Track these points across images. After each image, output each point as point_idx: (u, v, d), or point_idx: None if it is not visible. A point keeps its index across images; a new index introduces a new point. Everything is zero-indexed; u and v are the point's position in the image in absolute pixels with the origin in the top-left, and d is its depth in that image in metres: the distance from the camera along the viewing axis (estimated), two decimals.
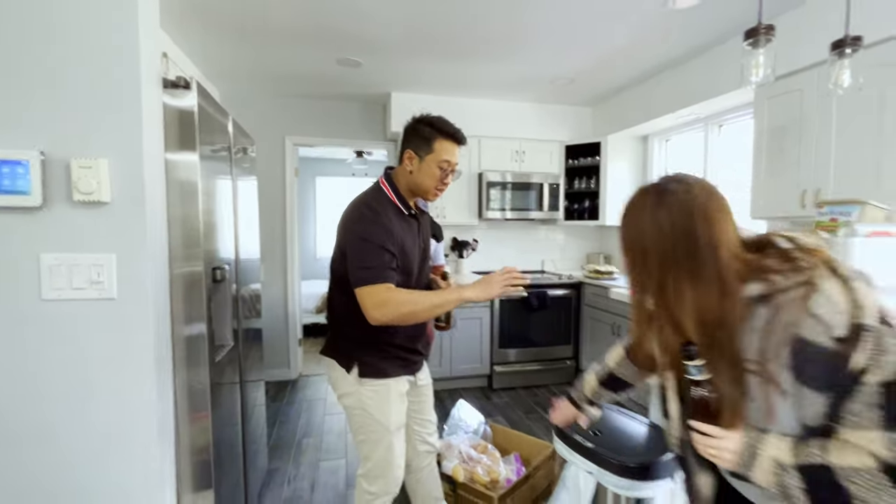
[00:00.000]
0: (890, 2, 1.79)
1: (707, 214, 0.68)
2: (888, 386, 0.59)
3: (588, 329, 3.61)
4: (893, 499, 0.60)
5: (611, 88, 3.49)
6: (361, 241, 1.26)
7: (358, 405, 1.38)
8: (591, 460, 1.37)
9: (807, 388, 0.64)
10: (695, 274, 0.68)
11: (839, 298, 0.61)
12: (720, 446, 0.72)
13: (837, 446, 0.63)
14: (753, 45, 1.50)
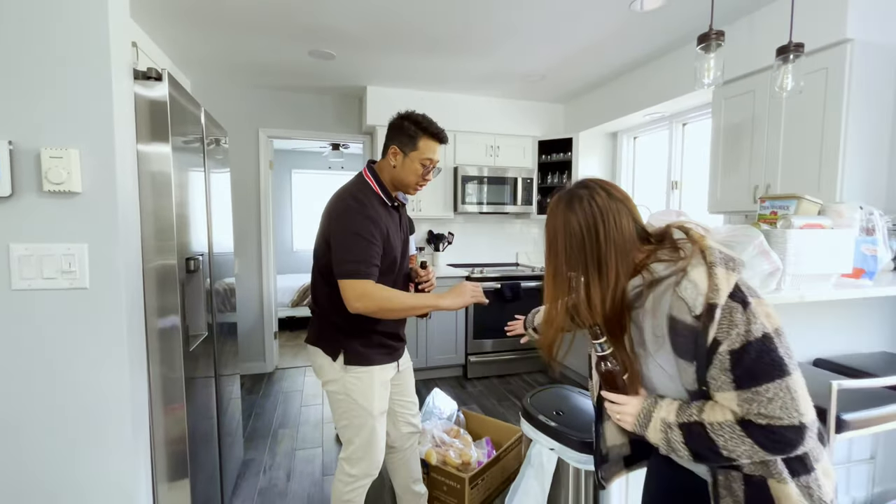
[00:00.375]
0: (828, 13, 1.92)
1: (607, 216, 0.79)
2: (734, 353, 0.70)
3: None
4: (751, 448, 0.71)
5: (581, 86, 3.59)
6: (348, 232, 1.29)
7: (342, 391, 1.41)
8: (554, 438, 1.46)
9: (682, 359, 0.75)
10: (598, 268, 0.78)
11: (701, 283, 0.71)
12: (623, 411, 0.84)
13: (710, 406, 0.75)
14: (705, 50, 1.60)
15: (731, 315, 0.70)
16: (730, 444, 0.72)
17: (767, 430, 0.70)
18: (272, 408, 3.06)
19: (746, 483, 0.77)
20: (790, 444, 0.70)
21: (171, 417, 1.42)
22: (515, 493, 1.56)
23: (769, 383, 0.69)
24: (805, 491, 0.75)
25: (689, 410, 0.77)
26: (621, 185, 3.86)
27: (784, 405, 0.69)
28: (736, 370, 0.70)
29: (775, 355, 0.70)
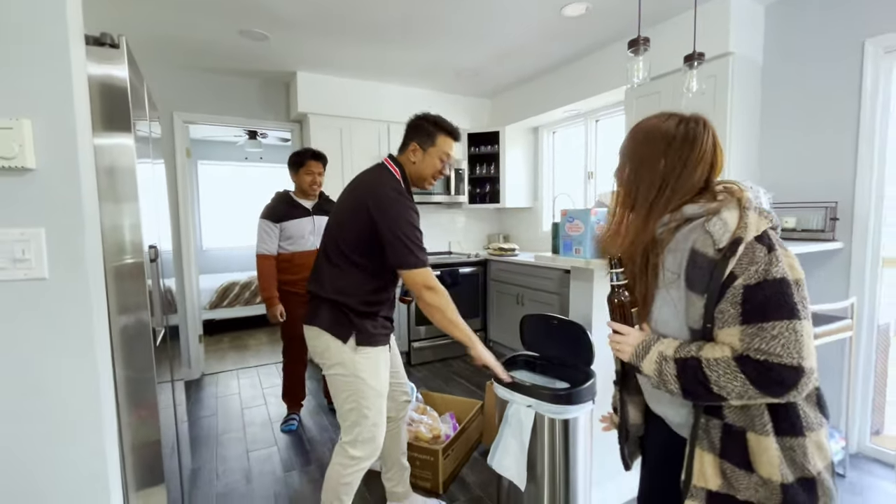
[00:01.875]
0: (716, 30, 2.34)
1: (705, 143, 0.85)
2: (748, 288, 0.73)
3: (495, 301, 3.98)
4: (742, 385, 0.73)
5: (509, 82, 3.84)
6: (404, 223, 1.38)
7: (352, 372, 1.44)
8: (530, 395, 1.62)
9: (692, 292, 0.79)
10: (667, 178, 0.85)
11: (731, 221, 0.76)
12: (624, 341, 0.89)
13: (710, 345, 0.78)
14: (635, 53, 1.86)
15: (754, 253, 0.73)
16: (722, 380, 0.74)
17: (764, 365, 0.71)
18: (209, 414, 2.84)
19: (725, 431, 0.79)
20: (784, 385, 0.70)
21: (142, 420, 1.30)
22: (495, 453, 1.70)
23: (777, 321, 0.71)
24: (788, 452, 0.75)
25: (688, 347, 0.80)
26: (543, 175, 4.21)
27: (786, 344, 0.70)
28: (746, 304, 0.73)
29: (789, 299, 0.71)
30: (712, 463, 0.80)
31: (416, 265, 1.40)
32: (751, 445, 0.77)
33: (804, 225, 2.29)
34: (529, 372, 1.88)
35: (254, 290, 4.91)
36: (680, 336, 0.84)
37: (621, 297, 0.91)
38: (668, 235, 0.86)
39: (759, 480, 0.76)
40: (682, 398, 0.82)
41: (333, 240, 1.47)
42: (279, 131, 4.04)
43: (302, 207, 2.55)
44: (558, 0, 2.38)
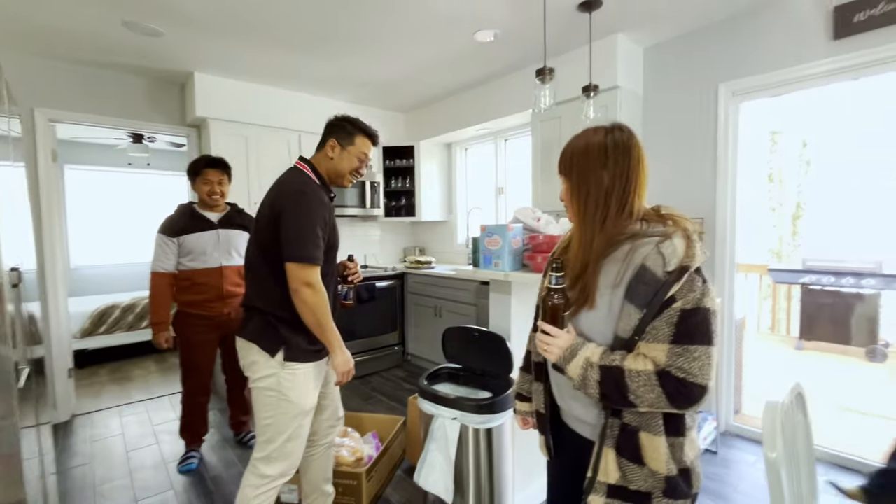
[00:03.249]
0: (606, 65, 2.64)
1: (642, 155, 0.92)
2: (684, 312, 0.81)
3: (412, 315, 3.98)
4: (657, 397, 0.81)
5: (422, 99, 3.92)
6: (304, 218, 1.36)
7: (275, 387, 1.41)
8: (455, 408, 1.65)
9: (632, 304, 0.84)
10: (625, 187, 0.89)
11: (681, 249, 0.82)
12: (553, 343, 0.91)
13: (632, 356, 0.84)
14: (542, 81, 2.03)
15: (693, 283, 0.82)
16: (640, 391, 0.82)
17: (682, 382, 0.80)
18: (82, 463, 2.41)
19: (622, 430, 0.88)
20: (693, 399, 0.81)
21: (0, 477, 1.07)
22: (422, 469, 1.69)
23: (700, 346, 0.80)
24: (672, 449, 0.86)
25: (612, 356, 0.86)
26: (457, 190, 4.34)
27: (703, 366, 0.80)
28: (680, 326, 0.81)
29: (711, 327, 0.82)
30: (613, 459, 0.88)
31: (304, 259, 1.35)
32: (643, 443, 0.86)
33: None
34: (453, 384, 1.91)
35: (139, 313, 4.33)
36: (604, 341, 0.89)
37: (556, 299, 0.92)
38: (616, 246, 0.90)
39: (649, 472, 0.86)
40: (597, 401, 0.89)
41: (258, 249, 1.45)
42: (172, 136, 3.65)
43: (204, 220, 2.32)
44: (471, 26, 2.50)
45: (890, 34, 1.97)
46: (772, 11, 2.31)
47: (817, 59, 2.18)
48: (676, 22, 2.49)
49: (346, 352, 1.49)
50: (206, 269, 2.28)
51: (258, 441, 1.46)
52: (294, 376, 1.43)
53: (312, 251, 1.36)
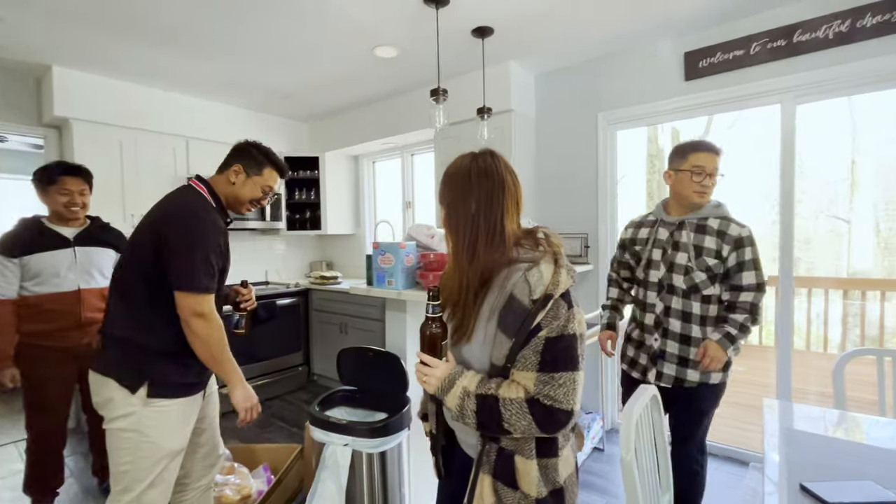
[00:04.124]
0: (500, 89, 2.80)
1: (516, 178, 0.94)
2: (549, 340, 0.82)
3: (318, 333, 3.81)
4: (528, 424, 0.82)
5: (327, 110, 3.82)
6: (196, 245, 1.26)
7: (135, 427, 1.26)
8: (346, 433, 1.59)
9: (503, 333, 0.85)
10: (488, 234, 0.90)
11: (546, 276, 0.84)
12: (432, 374, 0.90)
13: (506, 384, 0.85)
14: (436, 101, 2.08)
15: (558, 309, 0.83)
16: (513, 419, 0.83)
17: (549, 409, 0.82)
18: None
19: (499, 455, 0.89)
20: (560, 425, 0.83)
21: None
22: (312, 500, 1.60)
23: (564, 372, 0.82)
24: (543, 470, 0.88)
25: (489, 384, 0.86)
26: (365, 203, 4.29)
27: (567, 392, 0.82)
28: (545, 354, 0.82)
29: (576, 353, 0.84)
30: (490, 484, 0.89)
31: (195, 289, 1.25)
32: (517, 467, 0.88)
33: (569, 252, 2.87)
34: (349, 407, 1.85)
35: None
36: (481, 367, 0.90)
37: (433, 329, 0.90)
38: (495, 273, 0.90)
39: (522, 495, 0.87)
40: (475, 429, 0.90)
41: (132, 270, 1.31)
42: (27, 137, 3.13)
43: (56, 236, 2.00)
44: (370, 40, 2.50)
45: (727, 79, 2.34)
46: (639, 53, 2.61)
47: (675, 97, 2.51)
48: (560, 55, 2.71)
49: (247, 386, 1.39)
50: (59, 294, 1.96)
51: (113, 491, 1.28)
52: (159, 414, 1.27)
53: (204, 280, 1.27)
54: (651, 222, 1.75)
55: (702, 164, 1.58)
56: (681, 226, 1.64)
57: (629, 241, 1.80)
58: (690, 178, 1.59)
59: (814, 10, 2.07)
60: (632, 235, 1.79)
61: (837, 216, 7.22)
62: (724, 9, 2.18)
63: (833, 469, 1.00)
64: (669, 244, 1.65)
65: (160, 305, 1.27)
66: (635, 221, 1.83)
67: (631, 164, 4.03)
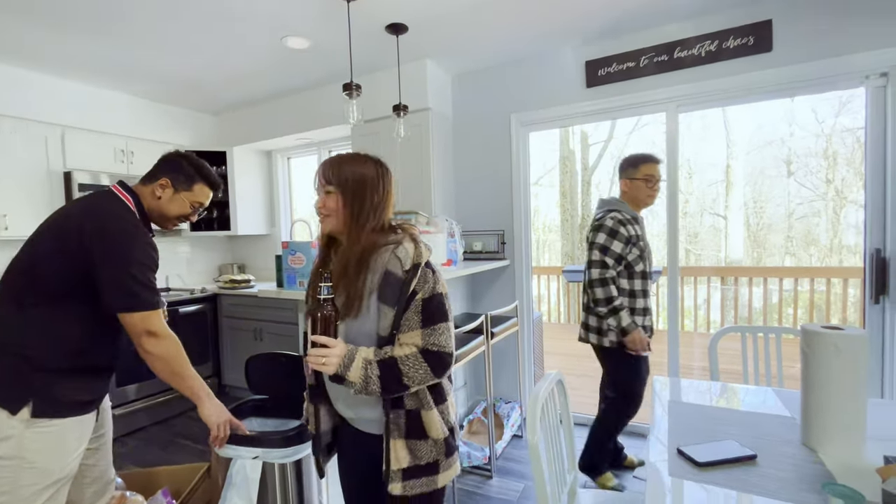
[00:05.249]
0: (418, 88, 2.80)
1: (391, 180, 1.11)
2: (425, 300, 0.99)
3: (229, 341, 3.55)
4: (425, 372, 0.97)
5: (236, 101, 3.56)
6: (135, 257, 1.20)
7: (15, 454, 1.11)
8: (256, 445, 1.50)
9: (385, 304, 0.99)
10: (377, 222, 1.04)
11: (411, 250, 1.00)
12: (331, 353, 0.95)
13: (399, 346, 0.99)
14: (349, 96, 2.03)
15: (426, 275, 1.00)
16: (411, 372, 0.96)
17: (437, 354, 0.98)
18: None
19: (407, 416, 1.01)
20: (447, 365, 1.00)
21: None
22: None
23: (441, 323, 1.00)
24: (442, 414, 1.04)
25: (383, 350, 0.98)
26: (280, 202, 4.07)
27: (447, 338, 1.00)
28: (424, 312, 0.98)
29: (445, 307, 1.01)
30: (403, 446, 1.00)
31: (141, 307, 1.21)
32: (424, 420, 1.01)
33: (487, 248, 2.97)
34: (260, 418, 1.75)
35: None
36: (370, 343, 1.01)
37: (328, 310, 0.97)
38: (370, 256, 1.02)
39: (433, 442, 1.02)
40: (379, 395, 0.98)
41: (26, 276, 1.19)
42: None
43: None
44: (279, 30, 2.37)
45: (622, 88, 2.56)
46: (546, 59, 2.77)
47: (580, 101, 2.69)
48: (475, 56, 2.78)
49: (215, 401, 1.35)
50: None
51: None
52: (45, 436, 1.13)
53: (149, 296, 1.22)
54: (632, 219, 2.00)
55: (651, 174, 1.96)
56: (640, 221, 2.05)
57: (636, 237, 1.98)
58: (644, 185, 1.96)
59: (689, 31, 2.35)
60: (636, 232, 1.99)
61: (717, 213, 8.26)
62: (617, 23, 2.39)
63: (706, 433, 1.14)
64: (645, 237, 2.04)
65: (69, 318, 1.19)
66: (625, 219, 1.99)
67: (548, 165, 4.23)
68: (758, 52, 2.20)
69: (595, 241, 1.97)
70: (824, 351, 0.99)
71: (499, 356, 3.01)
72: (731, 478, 0.94)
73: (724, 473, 0.96)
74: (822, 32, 2.09)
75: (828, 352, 0.98)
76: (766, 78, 2.21)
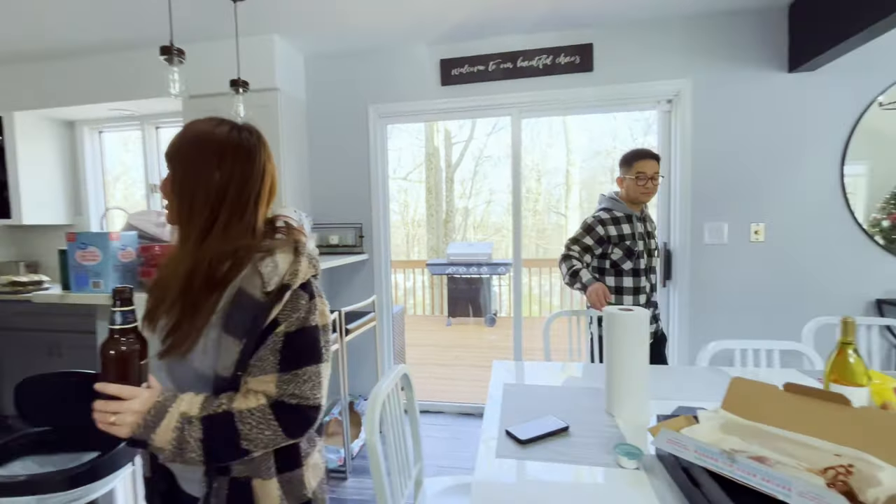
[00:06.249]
0: (263, 64, 2.54)
1: (268, 159, 0.86)
2: (289, 335, 0.74)
3: (10, 359, 2.78)
4: (273, 433, 0.72)
5: (16, 50, 2.77)
6: None
7: None
8: (29, 492, 1.17)
9: (230, 336, 0.73)
10: (234, 214, 0.79)
11: (283, 265, 0.75)
12: (128, 409, 0.69)
13: (241, 396, 0.73)
14: (168, 62, 1.73)
15: (297, 301, 0.75)
16: (253, 432, 0.71)
17: (296, 409, 0.74)
18: None
19: (231, 486, 0.76)
20: (309, 423, 0.76)
21: None
22: None
23: (308, 367, 0.75)
24: (287, 486, 0.78)
25: (217, 401, 0.72)
26: (89, 185, 3.35)
27: (314, 387, 0.75)
28: (286, 351, 0.74)
29: (318, 345, 0.77)
30: None
31: None
32: (256, 492, 0.77)
33: (344, 241, 2.85)
34: (39, 455, 1.38)
35: None
36: (204, 387, 0.75)
37: (125, 345, 0.69)
38: (218, 266, 0.76)
39: None
40: (202, 464, 0.73)
41: None
42: None
43: None
44: None
45: (474, 89, 2.68)
46: (405, 52, 2.75)
47: (435, 98, 2.74)
48: (328, 38, 2.62)
49: None
50: None
51: None
52: None
53: None
54: (624, 218, 1.96)
55: (644, 171, 1.91)
56: (645, 218, 2.02)
57: (617, 237, 1.94)
58: (636, 182, 1.92)
59: (529, 44, 2.57)
60: (617, 231, 1.95)
61: (559, 212, 9.42)
62: (465, 27, 2.48)
63: (533, 410, 1.25)
64: (645, 235, 1.99)
65: None
66: (607, 218, 1.96)
67: (418, 160, 4.24)
68: (583, 71, 2.51)
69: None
70: (617, 329, 1.16)
71: (357, 353, 2.93)
72: (549, 450, 1.04)
73: (542, 447, 1.05)
74: (630, 60, 2.48)
75: (619, 330, 1.15)
76: (590, 94, 2.54)
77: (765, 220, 2.43)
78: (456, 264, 5.58)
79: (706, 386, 1.39)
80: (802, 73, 2.32)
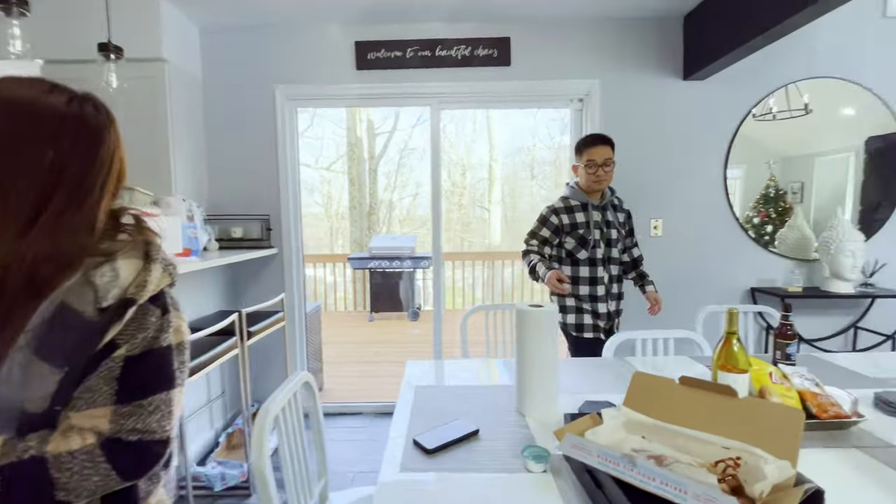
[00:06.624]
0: (146, 30, 2.20)
1: (117, 139, 0.71)
2: (130, 360, 0.62)
3: None
4: (103, 478, 0.60)
5: None
6: None
7: None
8: None
9: (46, 362, 0.59)
10: (71, 204, 0.62)
11: (126, 275, 0.62)
12: None
13: (58, 435, 0.59)
14: (6, 12, 1.41)
15: (146, 317, 0.63)
16: (74, 481, 0.58)
17: (137, 446, 0.62)
18: None
19: None
20: (154, 460, 0.65)
21: None
22: None
23: (154, 395, 0.64)
24: None
25: (23, 444, 0.57)
26: None
27: (161, 418, 0.64)
28: (126, 379, 0.62)
29: (170, 369, 0.66)
30: None
31: None
32: None
33: (249, 234, 2.60)
34: None
35: None
36: (5, 425, 0.59)
37: None
38: (34, 278, 0.59)
39: None
40: None
41: None
42: None
43: None
44: None
45: (391, 76, 2.56)
46: (316, 30, 2.55)
47: (350, 83, 2.58)
48: (229, 8, 2.34)
49: None
50: None
51: None
52: None
53: None
54: (580, 206, 1.94)
55: (593, 158, 1.89)
56: (605, 207, 1.97)
57: (570, 226, 1.93)
58: (586, 170, 1.90)
59: (448, 32, 2.51)
60: (570, 220, 1.93)
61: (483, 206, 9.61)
62: (382, 7, 2.36)
63: (446, 413, 1.18)
64: (603, 224, 1.95)
65: None
66: (561, 207, 1.95)
67: (341, 150, 3.99)
68: (500, 65, 2.51)
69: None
70: (527, 325, 1.13)
71: (263, 356, 2.69)
72: (456, 458, 0.98)
73: (450, 455, 0.99)
74: (545, 57, 2.52)
75: (529, 326, 1.13)
76: (507, 89, 2.55)
77: (663, 215, 2.61)
78: (378, 258, 5.43)
79: (613, 378, 1.43)
80: (694, 81, 2.52)
